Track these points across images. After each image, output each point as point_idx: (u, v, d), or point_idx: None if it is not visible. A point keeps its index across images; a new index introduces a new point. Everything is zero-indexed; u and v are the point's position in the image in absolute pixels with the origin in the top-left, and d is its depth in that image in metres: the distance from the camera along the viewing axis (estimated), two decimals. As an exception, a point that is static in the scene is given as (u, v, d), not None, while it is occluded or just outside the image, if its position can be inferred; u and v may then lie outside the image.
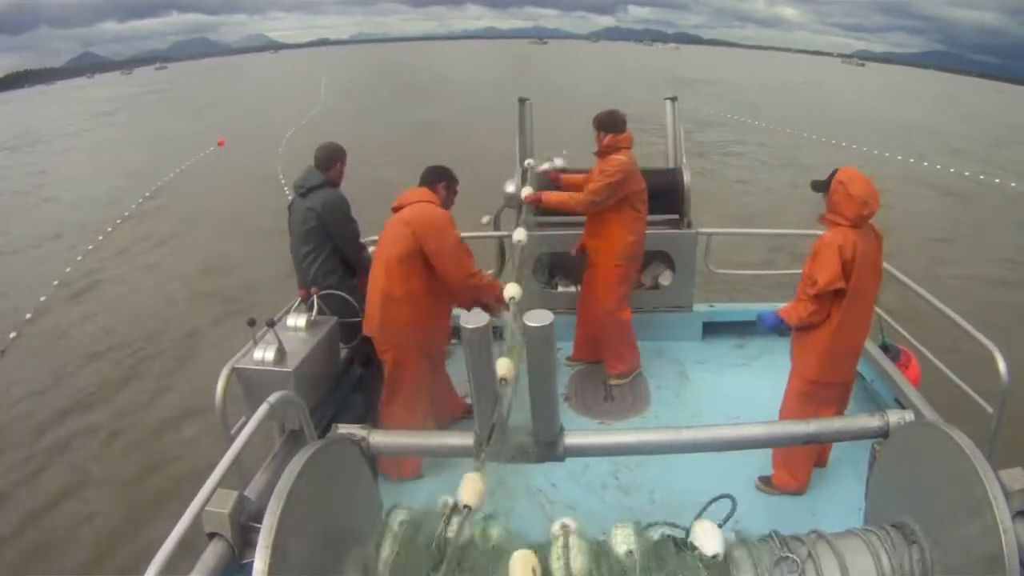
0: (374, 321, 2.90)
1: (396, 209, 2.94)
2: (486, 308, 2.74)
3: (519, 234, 3.00)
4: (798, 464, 2.89)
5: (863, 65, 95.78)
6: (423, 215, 2.84)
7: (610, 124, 3.46)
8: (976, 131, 25.86)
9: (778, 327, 2.77)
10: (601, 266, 3.60)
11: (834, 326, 2.64)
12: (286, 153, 17.71)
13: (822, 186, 2.65)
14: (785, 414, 2.86)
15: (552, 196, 3.56)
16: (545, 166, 3.90)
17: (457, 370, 3.35)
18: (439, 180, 3.02)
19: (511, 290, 2.62)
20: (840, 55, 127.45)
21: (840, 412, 2.85)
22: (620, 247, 3.53)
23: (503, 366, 1.58)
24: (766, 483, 2.95)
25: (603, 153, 3.46)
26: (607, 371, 3.80)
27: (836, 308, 2.62)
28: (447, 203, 3.05)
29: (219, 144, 20.82)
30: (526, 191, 3.59)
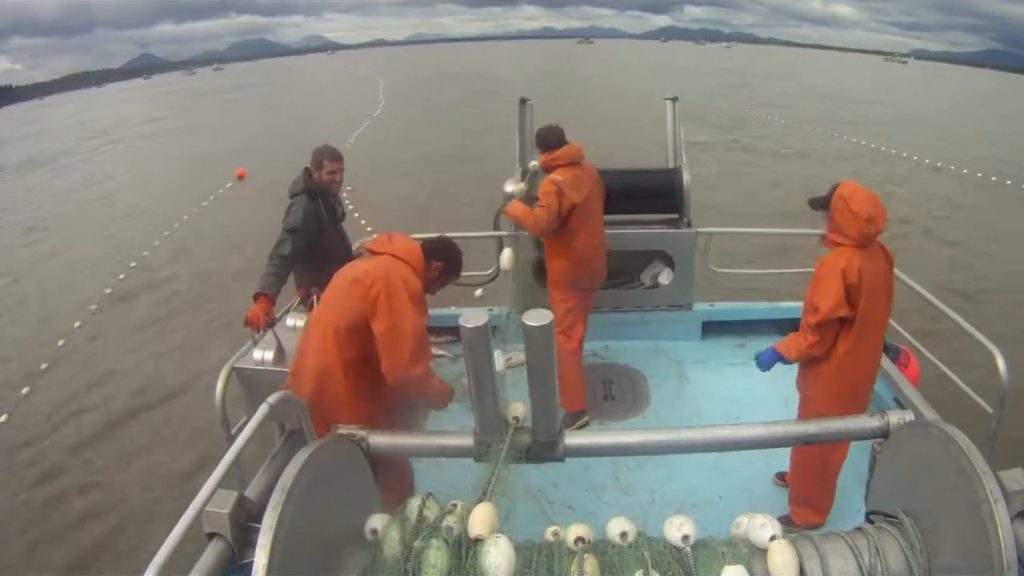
0: (304, 390, 2.18)
1: (370, 251, 2.32)
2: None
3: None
4: (818, 495, 2.58)
5: (906, 63, 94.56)
6: (390, 277, 2.12)
7: (543, 141, 3.21)
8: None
9: (778, 363, 2.49)
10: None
11: (840, 358, 2.35)
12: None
13: (821, 203, 2.36)
14: (800, 452, 2.59)
15: (513, 209, 3.24)
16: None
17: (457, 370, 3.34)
18: (436, 257, 2.34)
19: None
20: (899, 54, 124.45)
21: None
22: (553, 271, 3.28)
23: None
24: (786, 523, 2.46)
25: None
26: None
27: (842, 338, 2.34)
28: (430, 287, 2.37)
29: (239, 176, 15.90)
30: (519, 188, 3.53)
